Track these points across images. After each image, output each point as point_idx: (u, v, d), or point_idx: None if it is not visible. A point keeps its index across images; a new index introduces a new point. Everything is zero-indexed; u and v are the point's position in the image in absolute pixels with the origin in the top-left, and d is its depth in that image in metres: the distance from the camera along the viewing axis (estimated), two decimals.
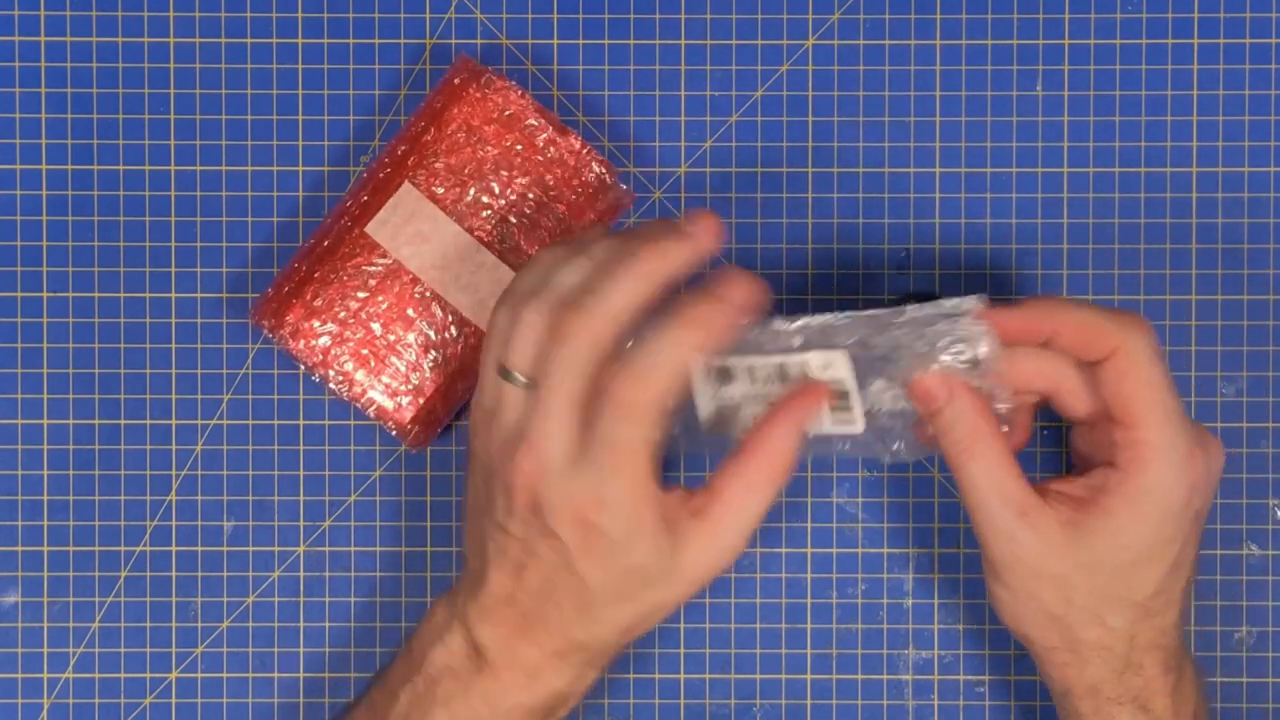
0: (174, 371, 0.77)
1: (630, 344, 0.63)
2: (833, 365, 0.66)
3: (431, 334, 0.74)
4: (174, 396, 0.77)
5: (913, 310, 0.65)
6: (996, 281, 0.76)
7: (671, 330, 0.63)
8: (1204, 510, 0.67)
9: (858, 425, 0.67)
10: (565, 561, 0.64)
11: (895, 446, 0.68)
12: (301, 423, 0.77)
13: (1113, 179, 0.76)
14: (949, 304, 0.65)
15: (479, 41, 0.77)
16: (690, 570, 0.65)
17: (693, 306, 0.64)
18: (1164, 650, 0.68)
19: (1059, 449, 0.77)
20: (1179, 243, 0.76)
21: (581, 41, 0.77)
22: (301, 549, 0.77)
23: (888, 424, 0.67)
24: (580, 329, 0.62)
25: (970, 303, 0.65)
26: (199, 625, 0.77)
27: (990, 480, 0.66)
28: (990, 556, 0.67)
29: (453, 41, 0.77)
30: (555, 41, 0.77)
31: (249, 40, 0.77)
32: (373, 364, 0.74)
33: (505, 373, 0.64)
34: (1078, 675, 0.68)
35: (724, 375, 0.67)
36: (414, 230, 0.74)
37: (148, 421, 0.77)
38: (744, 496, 0.65)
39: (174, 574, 0.77)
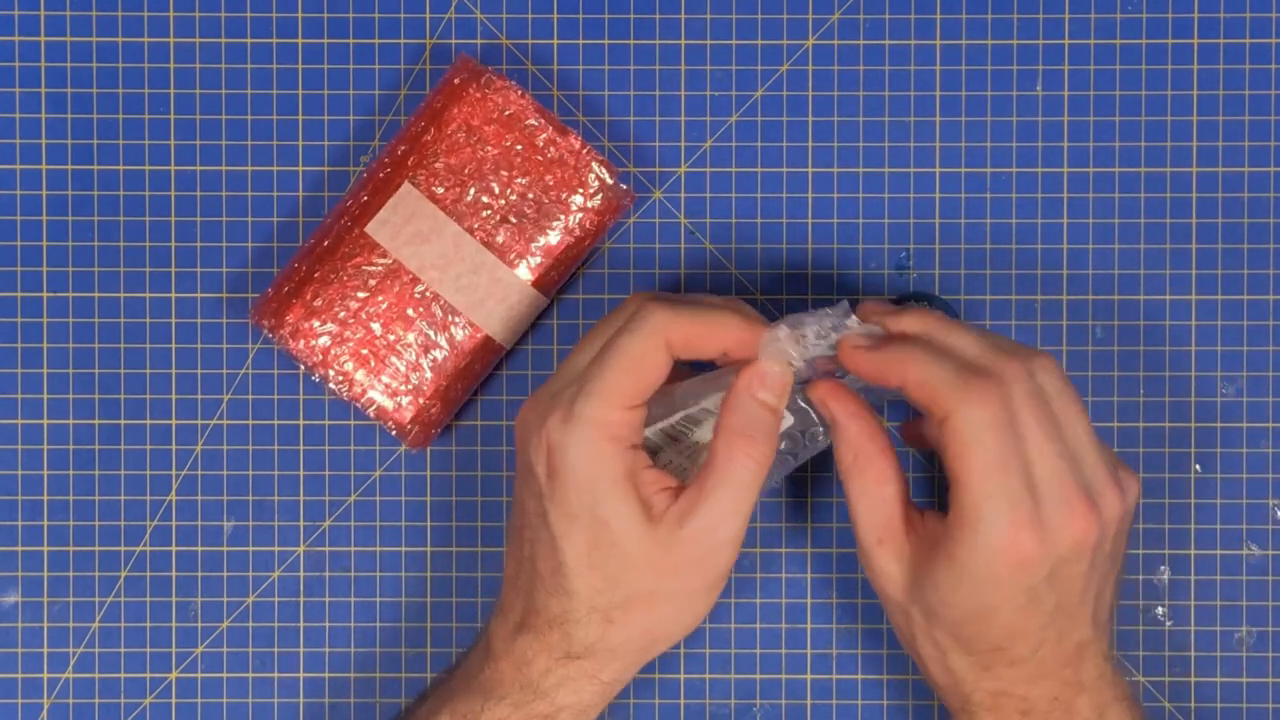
0: (174, 371, 0.77)
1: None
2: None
3: (431, 334, 0.74)
4: (174, 396, 0.77)
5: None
6: (996, 281, 0.76)
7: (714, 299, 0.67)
8: (1053, 576, 0.64)
9: (786, 419, 0.68)
10: (540, 508, 0.65)
11: (821, 433, 0.69)
12: (301, 423, 0.77)
13: (1113, 179, 0.76)
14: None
15: (479, 41, 0.77)
16: (664, 556, 0.65)
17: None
18: (1021, 698, 0.66)
19: None
20: (1179, 243, 0.76)
21: (581, 41, 0.77)
22: (301, 549, 0.77)
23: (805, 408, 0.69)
24: (645, 301, 0.66)
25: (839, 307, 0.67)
26: (199, 625, 0.77)
27: (861, 502, 0.66)
28: (862, 565, 0.68)
29: (453, 41, 0.77)
30: (555, 41, 0.77)
31: (249, 40, 0.77)
32: (373, 364, 0.74)
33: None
34: (941, 697, 0.69)
35: (651, 451, 0.69)
36: (414, 230, 0.74)
37: (148, 421, 0.77)
38: (712, 506, 0.65)
39: (174, 574, 0.77)
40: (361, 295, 0.74)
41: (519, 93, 0.74)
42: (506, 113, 0.74)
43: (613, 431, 0.65)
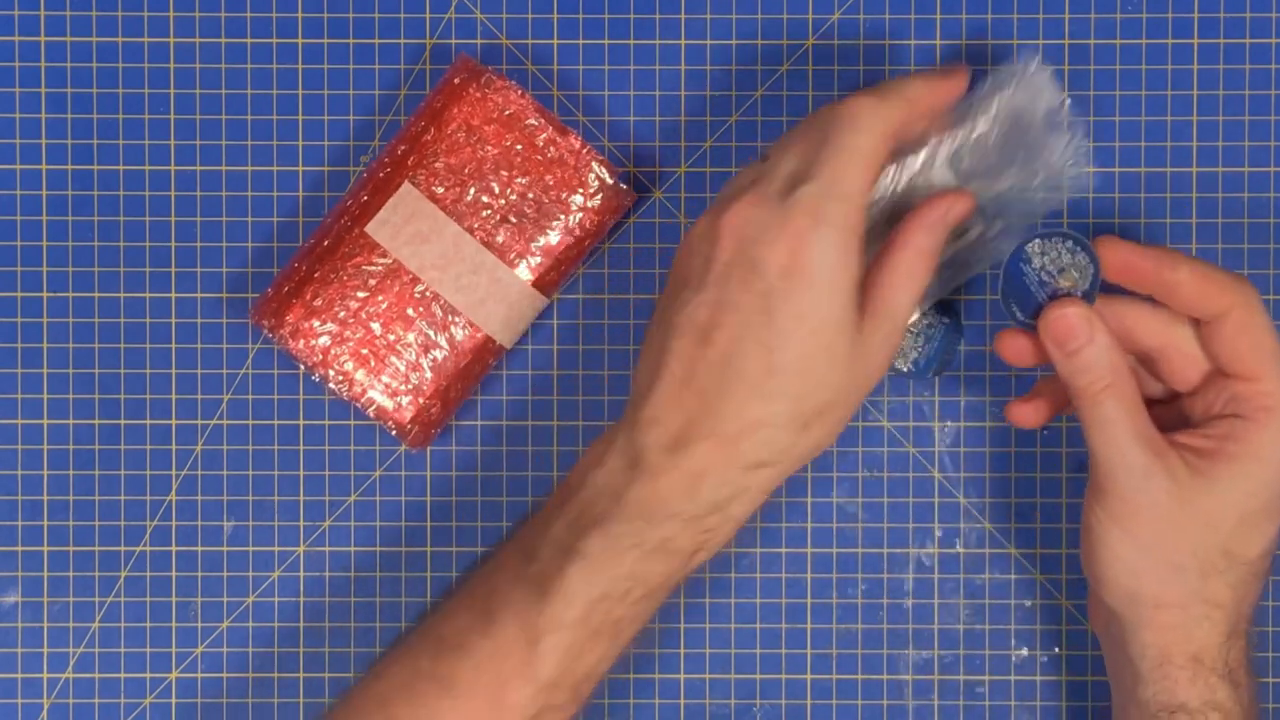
0: (174, 371, 0.77)
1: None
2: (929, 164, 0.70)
3: (431, 334, 0.74)
4: (174, 396, 0.77)
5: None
6: (996, 281, 0.76)
7: (913, 75, 0.68)
8: None
9: (976, 227, 0.70)
10: (764, 304, 0.64)
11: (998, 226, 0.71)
12: (301, 423, 0.77)
13: (1113, 179, 0.76)
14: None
15: (479, 41, 0.77)
16: (868, 362, 0.65)
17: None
18: (1249, 623, 0.68)
19: (1059, 448, 0.77)
20: (1179, 243, 0.76)
21: (581, 41, 0.77)
22: (301, 549, 0.77)
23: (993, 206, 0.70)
24: (846, 105, 0.66)
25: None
26: (199, 625, 0.77)
27: (1127, 419, 0.66)
28: (1116, 500, 0.66)
29: (453, 41, 0.77)
30: (555, 41, 0.77)
31: (249, 40, 0.77)
32: (373, 364, 0.74)
33: (764, 156, 0.67)
34: (1184, 639, 0.67)
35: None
36: (414, 230, 0.74)
37: (148, 421, 0.77)
38: (897, 286, 0.66)
39: (174, 574, 0.77)
40: (361, 295, 0.74)
41: (519, 93, 0.74)
42: (506, 113, 0.74)
43: (858, 232, 0.65)
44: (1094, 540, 0.68)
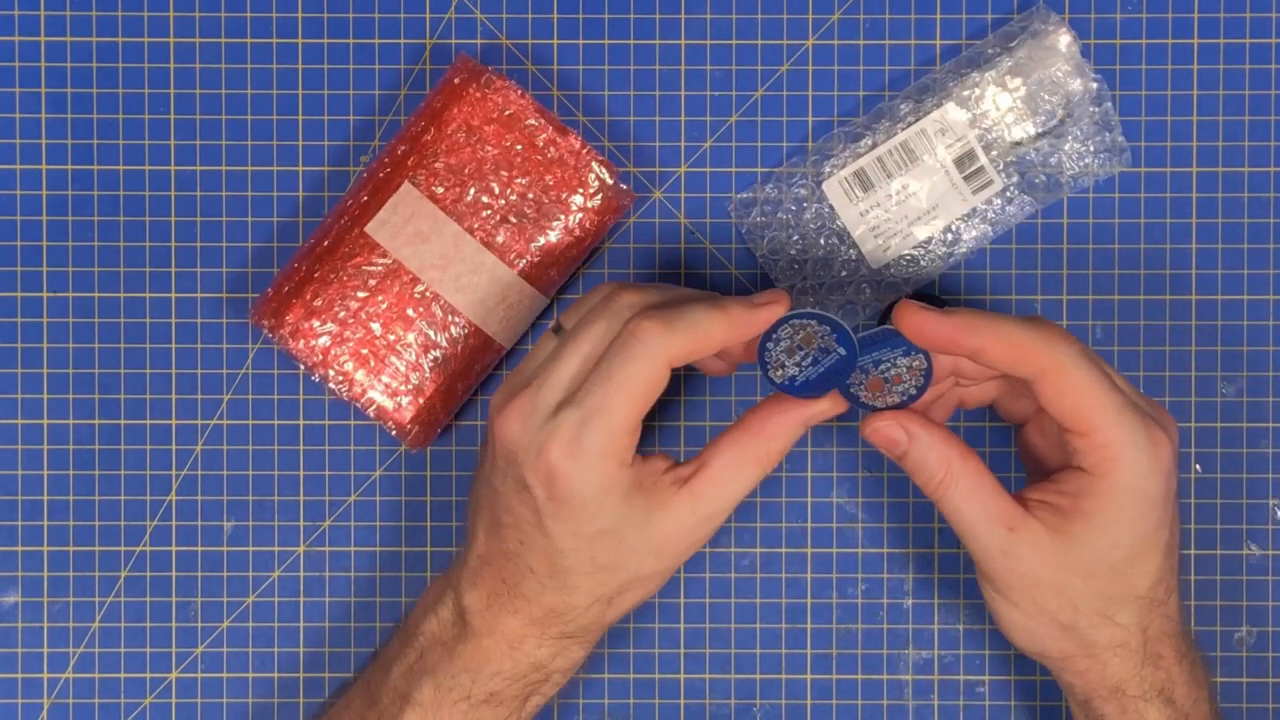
0: (174, 371, 0.77)
1: None
2: (950, 126, 0.70)
3: (431, 334, 0.74)
4: (174, 396, 0.77)
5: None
6: (996, 281, 0.76)
7: (708, 305, 0.65)
8: (1174, 485, 0.67)
9: (996, 181, 0.71)
10: (536, 519, 0.65)
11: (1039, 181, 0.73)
12: (301, 423, 0.77)
13: (1113, 179, 0.76)
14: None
15: (479, 41, 0.77)
16: (666, 540, 0.66)
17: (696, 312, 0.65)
18: (1174, 637, 0.68)
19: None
20: (1179, 243, 0.76)
21: (581, 41, 0.77)
22: (301, 549, 0.77)
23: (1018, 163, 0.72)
24: (626, 299, 0.65)
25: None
26: (199, 625, 0.77)
27: (973, 504, 0.66)
28: (990, 577, 0.67)
29: (453, 41, 0.77)
30: (555, 41, 0.77)
31: (249, 40, 0.77)
32: (372, 364, 0.74)
33: (558, 327, 0.67)
34: (1099, 678, 0.67)
35: (861, 181, 0.71)
36: (414, 230, 0.74)
37: (148, 421, 0.77)
38: (731, 471, 0.66)
39: (174, 574, 0.77)
40: (361, 295, 0.74)
41: (519, 93, 0.74)
42: (506, 113, 0.74)
43: (621, 457, 0.65)
44: (990, 609, 0.69)
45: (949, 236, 0.75)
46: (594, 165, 0.74)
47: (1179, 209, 0.77)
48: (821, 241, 0.75)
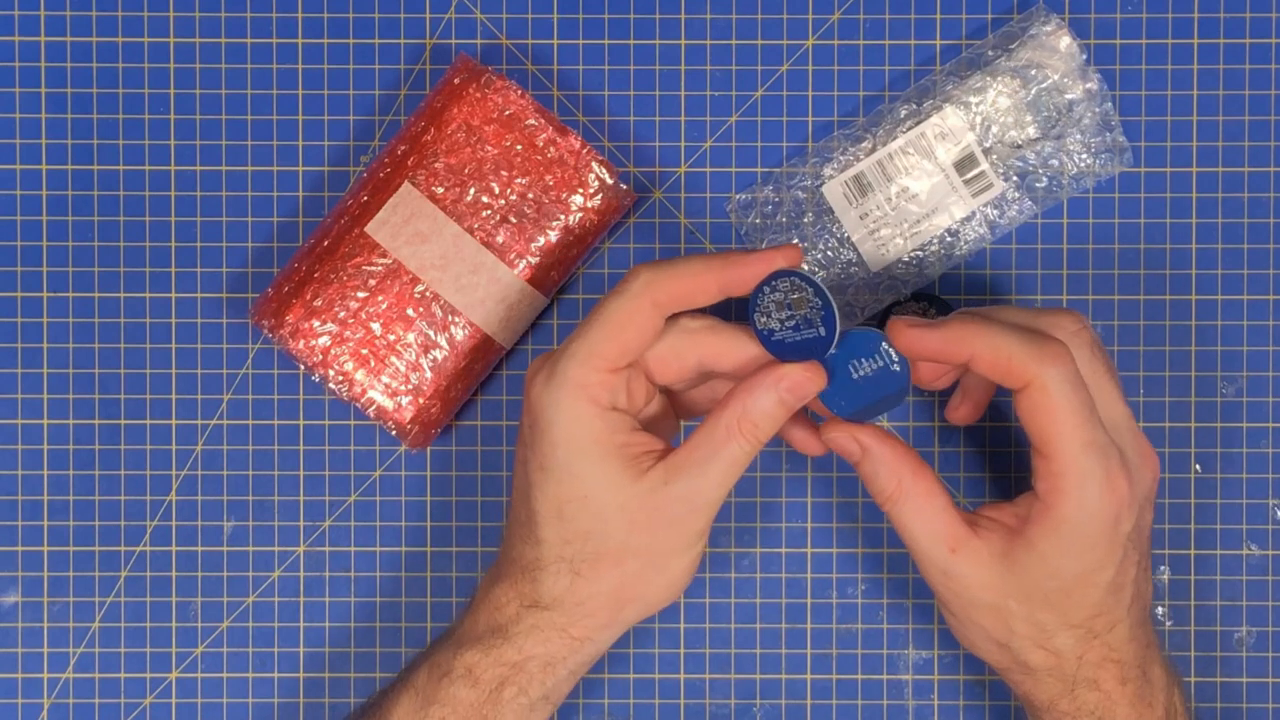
0: (174, 371, 0.77)
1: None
2: (950, 130, 0.71)
3: (431, 334, 0.74)
4: (174, 396, 0.77)
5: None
6: (995, 282, 0.76)
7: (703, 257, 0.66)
8: (1143, 525, 0.67)
9: (996, 185, 0.71)
10: (522, 458, 0.67)
11: (1042, 185, 0.73)
12: (301, 423, 0.77)
13: (1113, 179, 0.76)
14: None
15: (479, 41, 0.77)
16: (638, 511, 0.66)
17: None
18: (1118, 664, 0.67)
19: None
20: (1179, 243, 0.76)
21: (581, 41, 0.77)
22: (301, 549, 0.77)
23: (1019, 164, 0.72)
24: (645, 270, 0.66)
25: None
26: (199, 625, 0.77)
27: (918, 521, 0.66)
28: (936, 590, 0.67)
29: (453, 41, 0.77)
30: (555, 41, 0.77)
31: (249, 40, 0.77)
32: (373, 364, 0.74)
33: None
34: (1033, 692, 0.68)
35: (860, 185, 0.71)
36: (414, 230, 0.74)
37: (148, 421, 0.77)
38: (706, 445, 0.66)
39: (174, 574, 0.77)
40: (361, 295, 0.74)
41: (519, 93, 0.74)
42: (506, 113, 0.74)
43: (591, 393, 0.65)
44: (941, 612, 0.69)
45: (948, 239, 0.75)
46: (594, 165, 0.74)
47: (1179, 209, 0.77)
48: (821, 244, 0.75)
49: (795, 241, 0.70)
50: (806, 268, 0.75)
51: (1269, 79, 0.76)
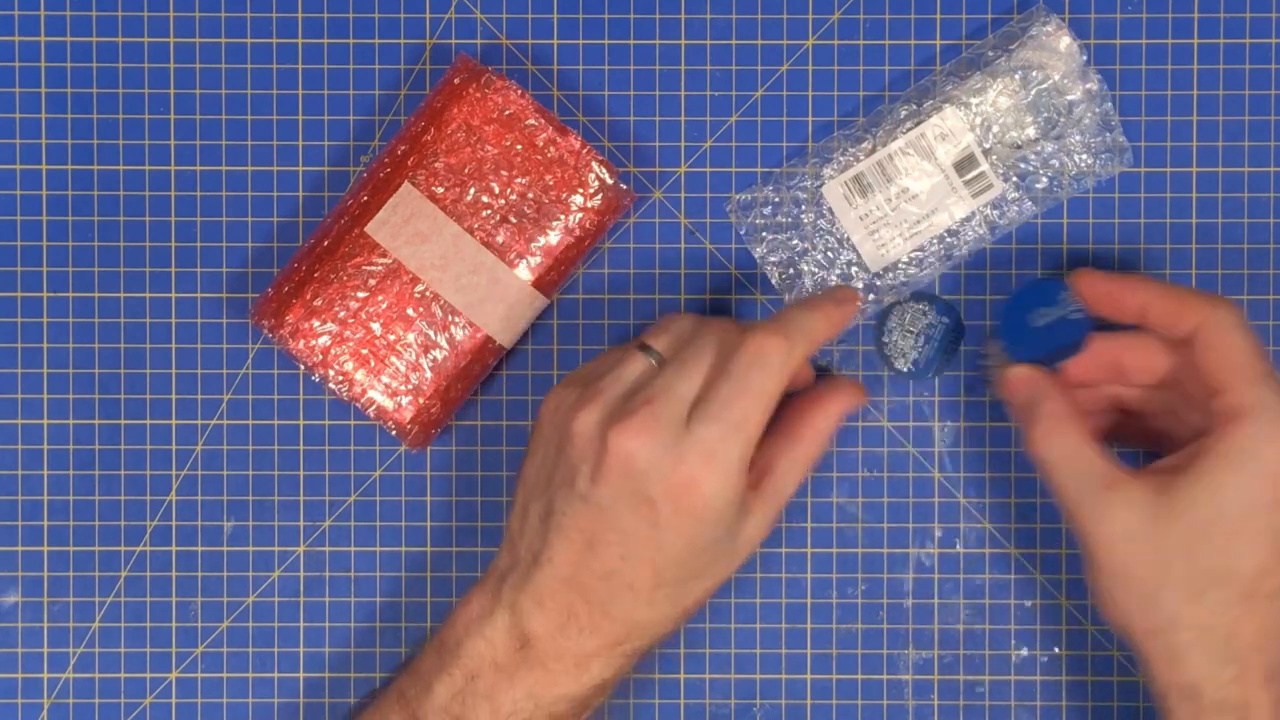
0: (174, 371, 0.77)
1: None
2: (951, 131, 0.72)
3: (431, 334, 0.74)
4: (174, 396, 0.77)
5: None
6: (996, 281, 0.76)
7: (810, 308, 0.69)
8: None
9: (996, 185, 0.72)
10: (652, 534, 0.66)
11: (1042, 185, 0.73)
12: (301, 423, 0.77)
13: (1113, 179, 0.76)
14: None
15: (479, 41, 0.77)
16: (745, 545, 0.68)
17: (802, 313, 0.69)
18: (1268, 654, 0.65)
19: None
20: (1179, 243, 0.76)
21: (581, 41, 0.77)
22: (301, 549, 0.77)
23: (1019, 164, 0.73)
24: (727, 327, 0.68)
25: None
26: (199, 625, 0.77)
27: (1071, 457, 0.67)
28: (1082, 539, 0.67)
29: (453, 41, 0.77)
30: (555, 41, 0.77)
31: (249, 40, 0.77)
32: (372, 364, 0.74)
33: (644, 346, 0.68)
34: (1176, 669, 0.66)
35: (860, 185, 0.73)
36: (414, 230, 0.74)
37: (148, 421, 0.77)
38: (789, 475, 0.69)
39: (174, 574, 0.77)
40: (361, 295, 0.74)
41: (519, 93, 0.74)
42: (506, 113, 0.74)
43: (747, 468, 0.66)
44: (1086, 577, 0.68)
45: (949, 239, 0.75)
46: (594, 165, 0.74)
47: (1179, 209, 0.77)
48: (820, 244, 0.75)
49: (844, 285, 0.74)
50: (807, 270, 0.75)
51: (1269, 79, 0.76)
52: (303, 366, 0.75)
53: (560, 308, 0.77)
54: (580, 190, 0.74)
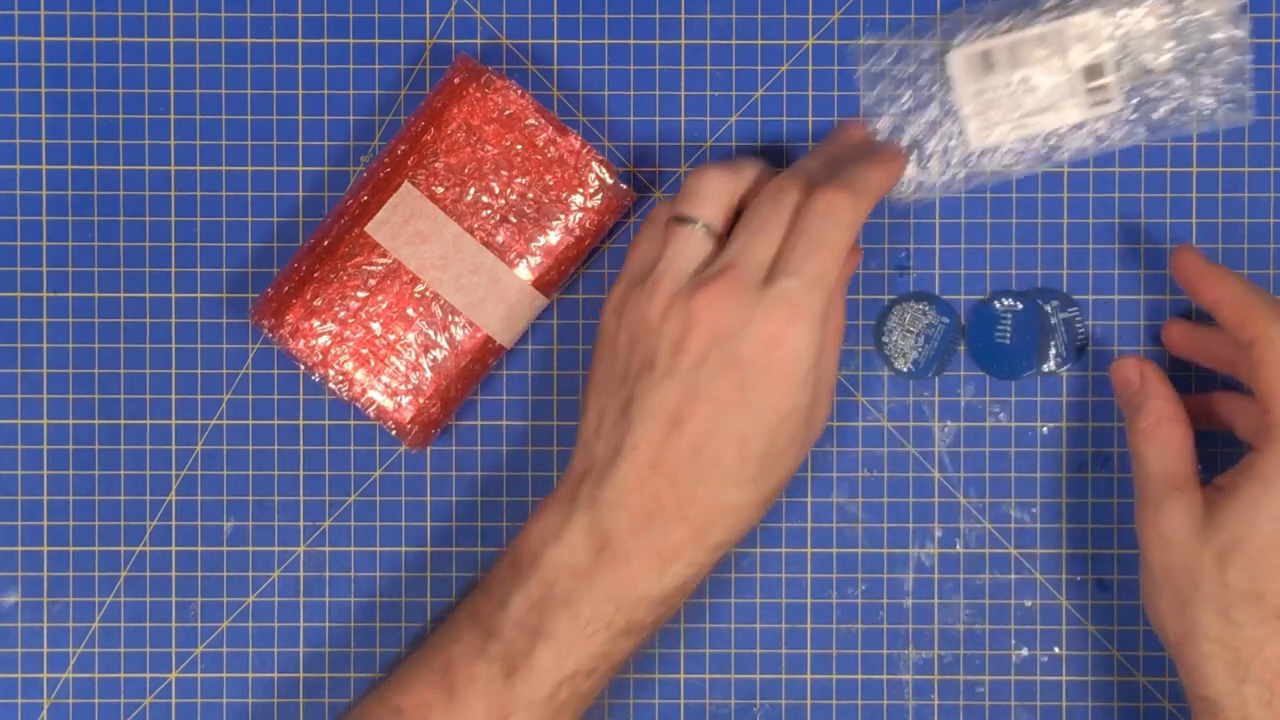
0: (174, 371, 0.77)
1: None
2: (1090, 34, 0.71)
3: (431, 334, 0.74)
4: (174, 396, 0.77)
5: None
6: (996, 281, 0.76)
7: (869, 164, 0.69)
8: None
9: (1115, 101, 0.72)
10: (740, 400, 0.65)
11: (1158, 114, 0.73)
12: (301, 423, 0.77)
13: (1113, 179, 0.76)
14: None
15: (479, 41, 0.77)
16: (815, 428, 0.69)
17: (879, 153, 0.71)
18: None
19: (1059, 449, 0.77)
20: (1179, 243, 0.76)
21: (581, 41, 0.77)
22: (301, 549, 0.77)
23: (1146, 90, 0.73)
24: (787, 183, 0.68)
25: None
26: (199, 625, 0.77)
27: (1162, 456, 0.68)
28: (1139, 535, 0.68)
29: (453, 41, 0.77)
30: (555, 41, 0.77)
31: (249, 40, 0.77)
32: (372, 364, 0.74)
33: (683, 218, 0.68)
34: (1198, 680, 0.67)
35: (987, 62, 0.72)
36: (414, 230, 0.74)
37: (148, 421, 0.77)
38: (836, 357, 0.70)
39: (174, 574, 0.77)
40: (361, 295, 0.74)
41: (519, 93, 0.74)
42: (506, 113, 0.74)
43: (825, 319, 0.67)
44: (1140, 575, 0.70)
45: (1052, 140, 0.75)
46: (594, 165, 0.74)
47: (1179, 209, 0.77)
48: (930, 109, 0.75)
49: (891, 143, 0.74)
50: (909, 131, 0.75)
51: (1269, 79, 0.76)
52: (303, 366, 0.75)
53: (560, 308, 0.77)
54: (580, 190, 0.74)
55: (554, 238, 0.74)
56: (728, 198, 0.69)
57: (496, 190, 0.74)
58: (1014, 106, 0.75)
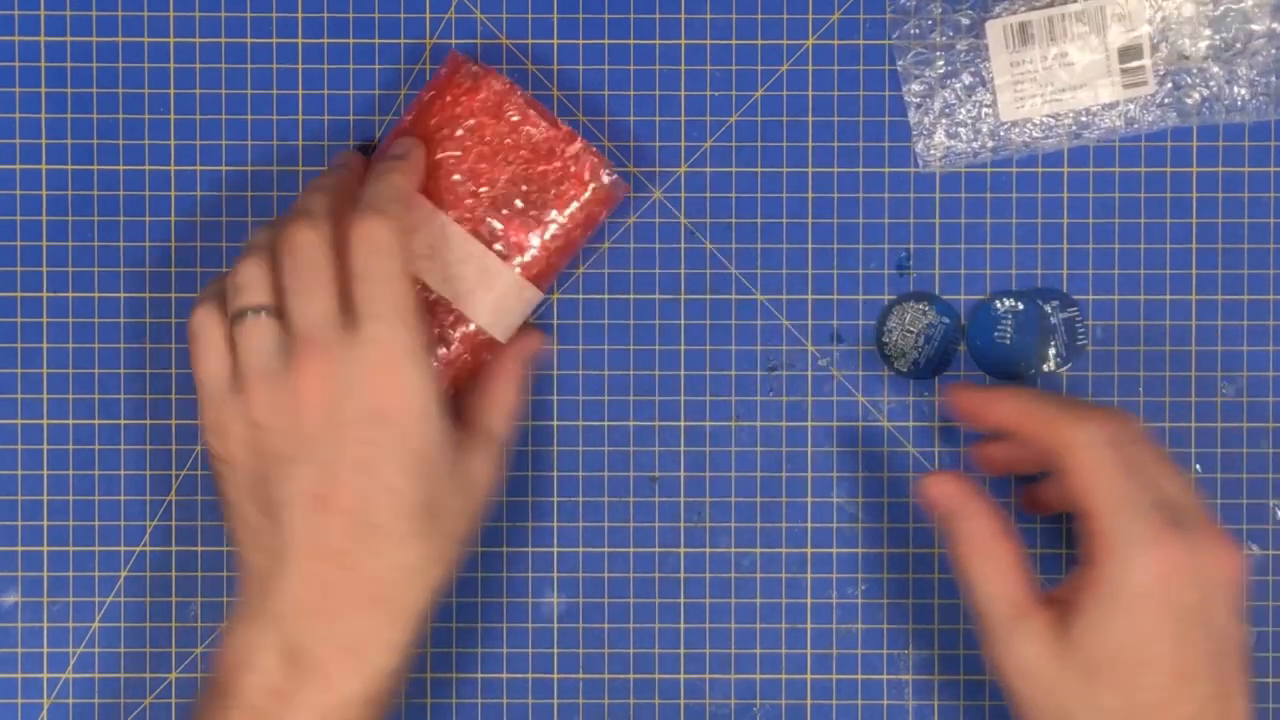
0: (174, 371, 0.77)
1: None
2: (1129, 15, 0.71)
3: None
4: (174, 396, 0.77)
5: None
6: (996, 281, 0.76)
7: (384, 173, 0.69)
8: (1217, 619, 0.64)
9: (1149, 84, 0.72)
10: (377, 451, 0.64)
11: (1196, 98, 0.73)
12: None
13: (1113, 179, 0.76)
14: None
15: (479, 41, 0.77)
16: (480, 481, 0.68)
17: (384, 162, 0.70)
18: None
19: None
20: (1179, 243, 0.76)
21: (581, 41, 0.77)
22: None
23: (1182, 76, 0.73)
24: (299, 233, 0.66)
25: None
26: (199, 625, 0.77)
27: (997, 581, 0.66)
28: (993, 664, 0.66)
29: (453, 41, 0.77)
30: (555, 41, 0.77)
31: (249, 40, 0.77)
32: None
33: (241, 313, 0.66)
34: None
35: (1024, 34, 0.72)
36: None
37: (148, 421, 0.77)
38: (495, 413, 0.71)
39: (174, 574, 0.77)
40: None
41: (518, 92, 0.73)
42: (496, 105, 0.73)
43: (425, 348, 0.67)
44: (1007, 703, 0.67)
45: (1084, 118, 0.75)
46: (586, 158, 0.73)
47: (1179, 209, 0.77)
48: (965, 75, 0.75)
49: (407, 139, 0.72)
50: (940, 96, 0.75)
51: None
52: None
53: (560, 307, 0.77)
54: (571, 181, 0.74)
55: (545, 230, 0.74)
56: (264, 274, 0.66)
57: (486, 182, 0.74)
58: (1048, 81, 0.75)
